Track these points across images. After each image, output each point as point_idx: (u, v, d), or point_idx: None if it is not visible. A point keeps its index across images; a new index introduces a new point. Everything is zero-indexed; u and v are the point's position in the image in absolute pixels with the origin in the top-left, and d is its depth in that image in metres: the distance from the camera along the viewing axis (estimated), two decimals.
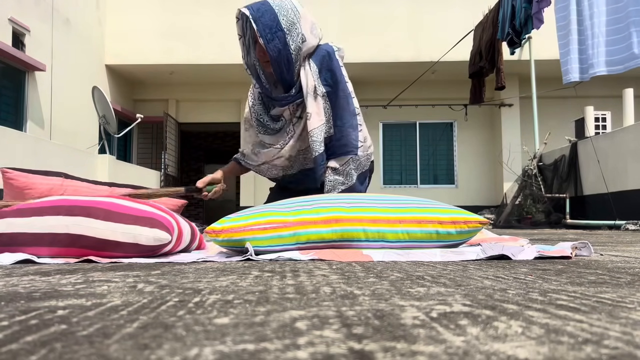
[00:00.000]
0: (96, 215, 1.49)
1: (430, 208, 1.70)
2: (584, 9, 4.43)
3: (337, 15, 10.14)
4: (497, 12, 6.39)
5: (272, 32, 1.85)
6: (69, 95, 8.64)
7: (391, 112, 10.84)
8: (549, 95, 9.86)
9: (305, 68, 1.98)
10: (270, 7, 1.87)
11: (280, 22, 1.86)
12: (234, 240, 1.57)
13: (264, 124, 2.09)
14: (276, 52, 1.88)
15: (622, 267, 1.22)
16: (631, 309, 0.66)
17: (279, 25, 1.86)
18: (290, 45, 1.89)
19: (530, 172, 8.24)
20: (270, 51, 1.88)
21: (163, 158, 10.56)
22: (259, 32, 1.85)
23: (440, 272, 1.10)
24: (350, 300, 0.73)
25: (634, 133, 7.09)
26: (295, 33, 1.89)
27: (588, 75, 4.40)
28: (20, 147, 5.87)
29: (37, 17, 7.78)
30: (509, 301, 0.72)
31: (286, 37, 1.87)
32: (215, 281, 0.97)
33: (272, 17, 1.85)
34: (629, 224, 6.01)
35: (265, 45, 1.86)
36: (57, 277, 1.06)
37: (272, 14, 1.86)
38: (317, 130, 1.97)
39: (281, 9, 1.88)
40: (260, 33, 1.85)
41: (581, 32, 4.45)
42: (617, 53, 4.18)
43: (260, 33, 1.85)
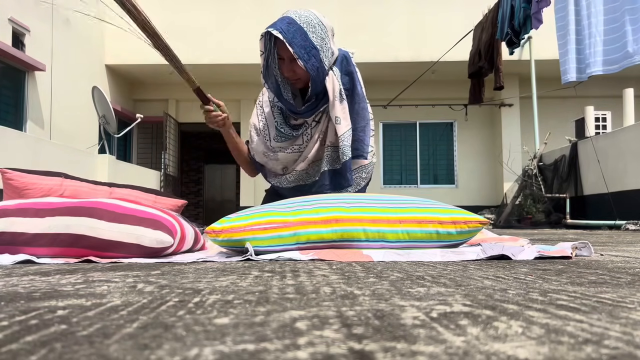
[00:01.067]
0: (100, 215, 1.49)
1: (430, 208, 1.70)
2: (581, 9, 4.43)
3: (337, 15, 10.14)
4: (496, 12, 6.39)
5: (307, 52, 1.86)
6: (69, 95, 8.64)
7: (391, 112, 10.84)
8: (549, 95, 9.86)
9: (329, 73, 1.98)
10: (299, 26, 1.86)
11: (312, 41, 1.86)
12: (234, 240, 1.57)
13: (283, 134, 2.08)
14: (315, 71, 1.89)
15: (622, 267, 1.22)
16: (631, 309, 0.66)
17: (312, 44, 1.86)
18: (324, 62, 1.91)
19: (531, 172, 8.24)
20: (310, 70, 1.88)
21: (163, 158, 10.56)
22: (296, 54, 1.84)
23: (440, 272, 1.10)
24: (350, 301, 0.73)
25: (634, 133, 7.09)
26: (327, 49, 1.91)
27: (585, 75, 4.41)
28: (20, 147, 5.87)
29: (37, 17, 7.79)
30: (509, 301, 0.72)
31: (320, 55, 1.89)
32: (215, 281, 0.97)
33: (304, 37, 1.85)
34: (629, 224, 6.01)
35: (305, 66, 1.86)
36: (57, 277, 1.06)
37: (303, 34, 1.85)
38: (346, 135, 1.98)
39: (309, 26, 1.87)
40: (298, 55, 1.84)
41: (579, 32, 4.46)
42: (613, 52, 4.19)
43: (298, 55, 1.84)
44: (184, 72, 2.02)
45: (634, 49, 4.02)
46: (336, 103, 1.97)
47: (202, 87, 2.06)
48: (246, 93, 10.83)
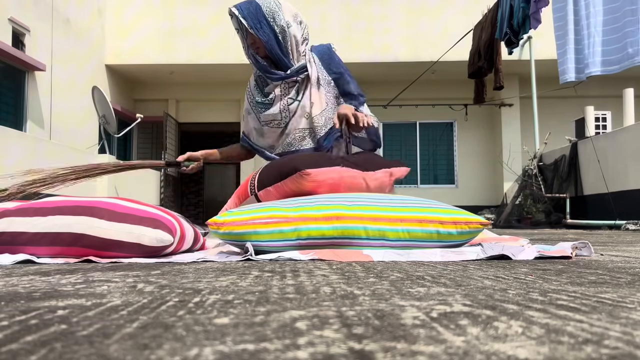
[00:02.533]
0: (100, 215, 1.49)
1: (431, 208, 1.70)
2: (580, 9, 4.42)
3: (337, 15, 10.14)
4: (495, 12, 6.39)
5: (259, 21, 2.20)
6: (69, 95, 8.64)
7: (391, 112, 10.84)
8: (549, 95, 9.86)
9: (310, 60, 2.27)
10: (255, 3, 2.22)
11: (264, 12, 2.20)
12: (235, 233, 1.57)
13: (257, 103, 2.36)
14: (266, 37, 2.21)
15: (622, 267, 1.22)
16: (631, 309, 0.66)
17: (263, 14, 2.20)
18: (275, 28, 2.20)
19: (531, 172, 8.24)
20: (262, 37, 2.20)
21: (163, 158, 10.56)
22: (248, 25, 2.20)
23: (440, 272, 1.10)
24: (350, 300, 0.73)
25: (634, 133, 7.09)
26: (279, 18, 2.21)
27: (584, 75, 4.40)
28: (20, 147, 5.87)
29: (37, 17, 7.79)
30: (509, 301, 0.72)
31: (270, 23, 2.20)
32: (215, 281, 0.97)
33: (256, 10, 2.21)
34: (629, 224, 6.01)
35: (256, 33, 2.19)
36: (57, 277, 1.06)
37: (256, 7, 2.21)
38: (319, 116, 2.25)
39: (264, 2, 2.22)
40: (250, 25, 2.20)
41: (577, 32, 4.45)
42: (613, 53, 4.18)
43: (249, 25, 2.20)
44: (150, 164, 2.49)
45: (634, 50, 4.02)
46: (313, 89, 2.26)
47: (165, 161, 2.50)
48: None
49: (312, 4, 10.08)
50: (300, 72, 2.25)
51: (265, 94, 2.33)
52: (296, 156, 1.93)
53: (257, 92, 2.36)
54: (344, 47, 10.23)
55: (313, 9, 10.06)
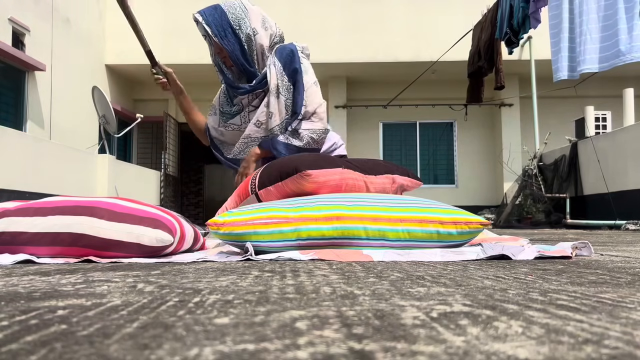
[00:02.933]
0: (100, 215, 1.49)
1: (431, 208, 1.70)
2: (575, 7, 4.43)
3: (337, 15, 10.14)
4: (495, 12, 6.39)
5: (223, 29, 2.13)
6: (69, 95, 8.64)
7: (391, 112, 10.84)
8: (549, 95, 9.86)
9: (271, 67, 2.18)
10: (220, 8, 2.15)
11: (230, 19, 2.12)
12: (235, 234, 1.57)
13: (222, 112, 2.35)
14: (230, 46, 2.14)
15: (622, 267, 1.22)
16: (631, 309, 0.66)
17: (228, 22, 2.12)
18: (241, 37, 2.14)
19: (531, 172, 8.24)
20: (226, 46, 2.13)
21: (163, 158, 10.56)
22: (212, 33, 2.13)
23: (440, 272, 1.10)
24: (350, 300, 0.73)
25: (634, 133, 7.09)
26: (245, 26, 2.14)
27: (577, 73, 4.40)
28: (20, 147, 5.87)
29: (37, 17, 7.79)
30: (509, 301, 0.72)
31: (236, 31, 2.13)
32: (215, 281, 0.97)
33: (221, 17, 2.13)
34: (629, 224, 6.01)
35: (220, 42, 2.12)
36: (57, 277, 1.06)
37: (221, 14, 2.13)
38: (277, 128, 2.19)
39: (230, 8, 2.14)
40: (214, 32, 2.12)
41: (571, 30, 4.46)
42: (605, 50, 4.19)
43: (214, 33, 2.12)
44: (140, 32, 2.47)
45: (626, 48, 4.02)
46: (272, 98, 2.17)
47: (152, 51, 2.49)
48: None
49: (312, 4, 10.09)
50: (264, 83, 2.18)
51: (233, 104, 2.31)
52: (298, 156, 1.91)
53: (225, 101, 2.34)
54: (344, 47, 10.27)
55: (313, 9, 10.07)
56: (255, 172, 1.99)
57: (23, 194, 5.72)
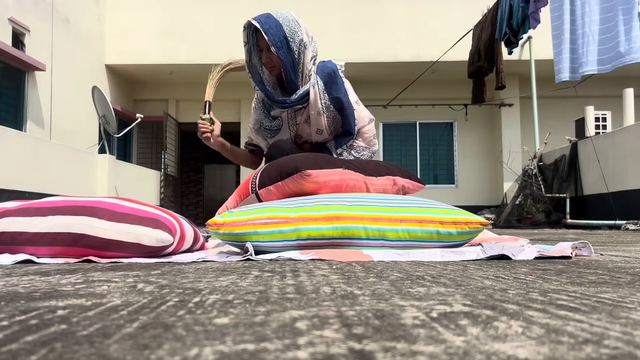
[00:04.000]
0: (100, 215, 1.49)
1: (431, 208, 1.70)
2: (576, 9, 4.43)
3: (337, 15, 10.14)
4: (495, 12, 6.39)
5: (280, 40, 2.11)
6: (69, 95, 8.64)
7: (391, 112, 10.84)
8: (549, 95, 9.86)
9: (314, 86, 2.19)
10: (275, 19, 2.15)
11: (285, 31, 2.12)
12: (235, 234, 1.57)
13: (266, 128, 2.31)
14: (285, 57, 2.13)
15: (622, 267, 1.22)
16: (631, 309, 0.66)
17: (284, 34, 2.12)
18: (294, 50, 2.14)
19: (531, 172, 8.24)
20: (282, 57, 2.12)
21: (163, 158, 10.56)
22: (270, 41, 2.10)
23: (440, 272, 1.10)
24: (350, 300, 0.73)
25: (634, 133, 7.09)
26: (298, 39, 2.14)
27: (578, 75, 4.41)
28: (20, 147, 5.87)
29: (37, 17, 7.78)
30: (509, 301, 0.72)
31: (290, 44, 2.13)
32: (215, 281, 0.97)
33: (278, 28, 2.12)
34: (629, 224, 6.01)
35: (277, 52, 2.11)
36: (57, 277, 1.06)
37: (277, 25, 2.13)
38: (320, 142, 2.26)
39: (284, 20, 2.15)
40: (272, 42, 2.10)
41: (573, 32, 4.46)
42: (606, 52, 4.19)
43: (271, 42, 2.10)
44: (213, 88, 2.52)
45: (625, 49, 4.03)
46: (318, 117, 2.20)
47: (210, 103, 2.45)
48: (246, 93, 10.82)
49: (312, 4, 10.09)
50: (304, 100, 2.18)
51: (272, 117, 2.29)
52: (298, 156, 1.91)
53: (264, 116, 2.31)
54: (344, 47, 10.25)
55: (313, 9, 10.06)
56: (256, 171, 1.99)
57: (23, 194, 5.72)
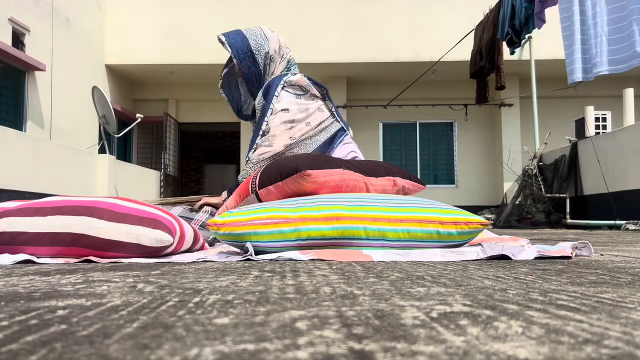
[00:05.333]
0: (99, 215, 1.49)
1: (431, 208, 1.69)
2: (587, 9, 4.40)
3: (337, 15, 10.14)
4: (497, 12, 6.39)
5: (243, 53, 2.30)
6: (69, 95, 8.63)
7: (391, 112, 10.84)
8: (549, 95, 9.86)
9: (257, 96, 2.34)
10: (242, 34, 2.33)
11: (250, 44, 2.31)
12: (235, 234, 1.57)
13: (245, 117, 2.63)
14: (247, 69, 2.32)
15: (622, 267, 1.22)
16: (631, 309, 0.66)
17: (249, 47, 2.31)
18: (259, 62, 2.32)
19: (531, 172, 8.24)
20: (243, 68, 2.32)
21: (163, 158, 10.56)
22: (233, 54, 2.31)
23: (440, 272, 1.10)
24: (350, 300, 0.73)
25: (634, 133, 7.09)
26: (263, 53, 2.31)
27: (592, 75, 4.37)
28: (20, 147, 5.87)
29: (37, 17, 7.78)
30: (509, 301, 0.72)
31: (255, 57, 2.31)
32: (215, 281, 0.97)
33: (243, 42, 2.31)
34: (629, 224, 6.00)
35: (239, 64, 2.31)
36: (57, 277, 1.06)
37: (243, 39, 2.31)
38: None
39: (251, 34, 2.32)
40: (234, 54, 2.31)
41: (584, 32, 4.43)
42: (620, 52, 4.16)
43: (234, 55, 2.31)
44: None
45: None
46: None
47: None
48: None
49: (312, 4, 10.09)
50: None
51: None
52: (298, 156, 1.91)
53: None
54: (344, 47, 10.26)
55: (313, 9, 10.07)
56: (256, 171, 1.99)
57: (23, 194, 5.72)
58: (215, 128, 13.43)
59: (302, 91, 2.31)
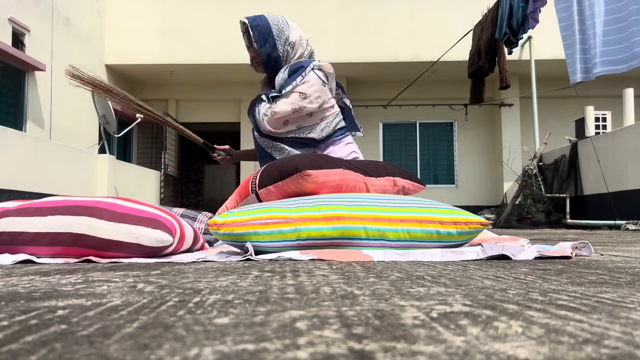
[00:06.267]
0: (99, 215, 1.49)
1: (431, 208, 1.69)
2: (584, 9, 4.40)
3: (337, 15, 10.14)
4: (496, 12, 6.39)
5: (264, 37, 2.20)
6: (69, 95, 8.63)
7: (391, 112, 10.84)
8: (549, 95, 9.86)
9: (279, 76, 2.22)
10: (264, 18, 2.25)
11: (272, 29, 2.21)
12: (235, 234, 1.57)
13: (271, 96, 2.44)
14: (266, 55, 2.22)
15: (622, 267, 1.22)
16: (631, 309, 0.66)
17: (271, 32, 2.21)
18: (279, 48, 2.21)
19: (531, 172, 8.24)
20: (262, 54, 2.22)
21: (163, 158, 10.56)
22: (254, 38, 2.22)
23: (440, 272, 1.10)
24: (350, 300, 0.73)
25: (634, 133, 7.09)
26: (284, 39, 2.21)
27: (592, 75, 4.37)
28: (20, 147, 5.86)
29: (37, 17, 7.78)
30: (509, 301, 0.72)
31: (276, 42, 2.21)
32: (215, 281, 0.97)
33: (265, 25, 2.22)
34: (629, 224, 6.01)
35: (258, 49, 2.21)
36: (57, 277, 1.06)
37: (265, 22, 2.22)
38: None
39: (274, 19, 2.24)
40: (255, 39, 2.21)
41: (583, 32, 4.43)
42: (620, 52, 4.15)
43: (255, 39, 2.21)
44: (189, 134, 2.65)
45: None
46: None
47: (206, 141, 2.61)
48: (246, 93, 10.83)
49: (312, 4, 10.09)
50: None
51: None
52: (298, 156, 1.91)
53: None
54: (344, 47, 10.26)
55: (313, 9, 10.07)
56: (256, 171, 1.99)
57: (23, 194, 5.72)
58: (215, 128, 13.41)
59: (327, 79, 2.22)
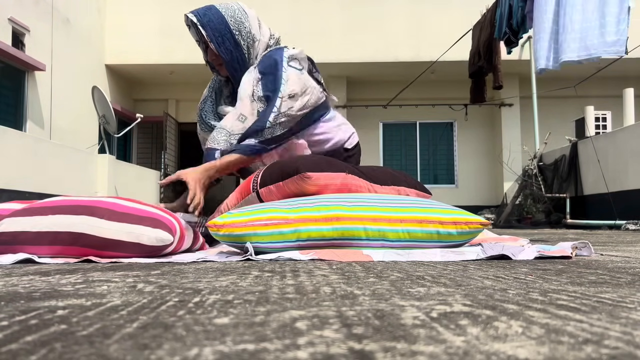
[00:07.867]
0: (100, 214, 1.49)
1: (431, 208, 1.69)
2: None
3: (337, 15, 10.14)
4: (494, 12, 6.39)
5: (221, 34, 1.87)
6: (69, 95, 8.63)
7: (391, 112, 10.83)
8: (549, 95, 9.86)
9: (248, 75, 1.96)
10: (216, 10, 1.89)
11: (229, 23, 1.88)
12: (235, 235, 1.57)
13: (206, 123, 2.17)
14: (229, 55, 1.91)
15: (622, 267, 1.22)
16: (631, 309, 0.66)
17: (228, 27, 1.88)
18: (242, 45, 1.91)
19: (531, 172, 8.24)
20: (223, 54, 1.90)
21: (163, 158, 10.55)
22: (208, 37, 1.88)
23: (440, 272, 1.10)
24: (350, 300, 0.73)
25: (634, 133, 7.09)
26: (245, 32, 1.91)
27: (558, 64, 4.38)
28: (20, 147, 5.86)
29: (37, 17, 7.78)
30: (509, 301, 0.72)
31: (236, 38, 1.89)
32: (215, 281, 0.97)
33: (219, 20, 1.87)
34: (629, 224, 6.01)
35: (217, 49, 1.88)
36: (57, 277, 1.06)
37: (219, 17, 1.87)
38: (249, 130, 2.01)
39: (227, 9, 1.90)
40: (210, 38, 1.88)
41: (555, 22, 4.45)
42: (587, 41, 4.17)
43: (210, 38, 1.88)
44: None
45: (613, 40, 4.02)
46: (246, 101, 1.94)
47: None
48: None
49: (312, 4, 10.09)
50: None
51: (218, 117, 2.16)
52: (300, 157, 1.87)
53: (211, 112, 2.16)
54: (344, 47, 10.26)
55: (313, 9, 10.07)
56: (258, 170, 1.98)
57: (23, 194, 5.72)
58: None
59: (301, 65, 2.05)
